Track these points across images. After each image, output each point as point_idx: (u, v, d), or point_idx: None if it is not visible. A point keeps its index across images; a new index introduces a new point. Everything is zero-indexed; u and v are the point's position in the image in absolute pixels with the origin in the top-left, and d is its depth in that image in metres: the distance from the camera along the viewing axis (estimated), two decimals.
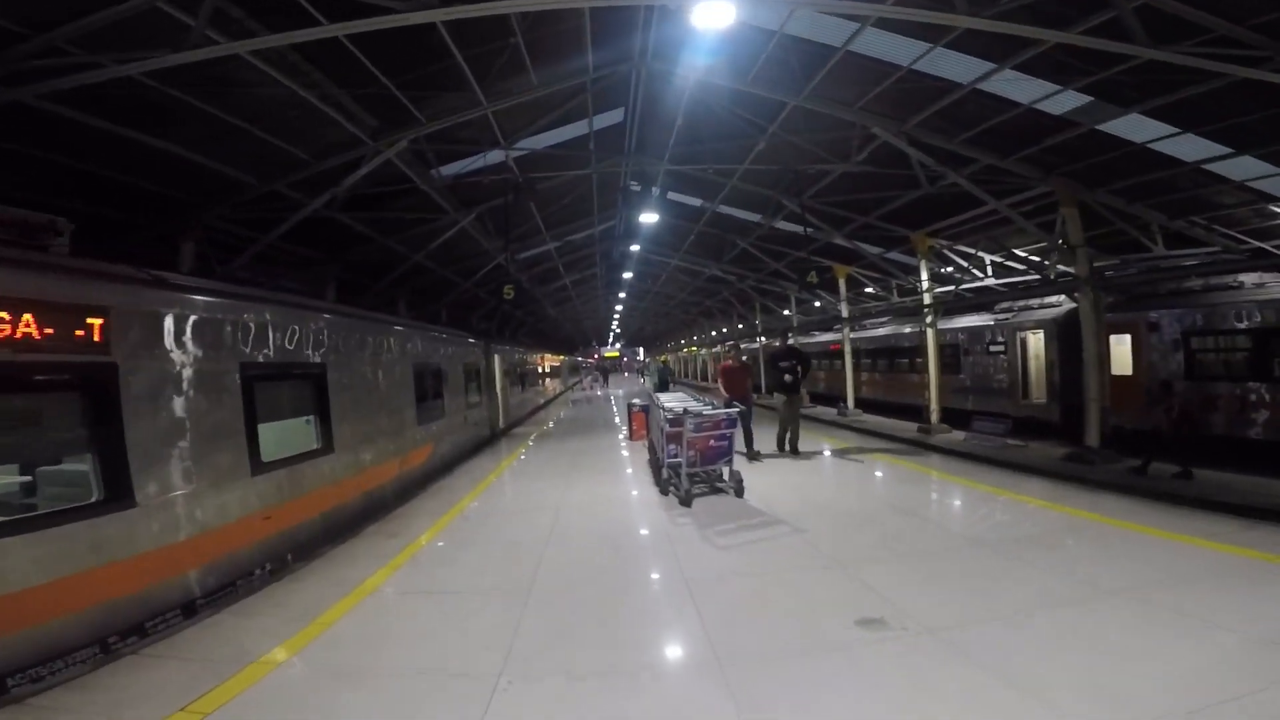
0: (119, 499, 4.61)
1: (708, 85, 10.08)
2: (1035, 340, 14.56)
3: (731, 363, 12.37)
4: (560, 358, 43.55)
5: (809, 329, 25.58)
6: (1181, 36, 6.04)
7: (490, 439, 17.08)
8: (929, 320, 14.17)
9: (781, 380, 11.69)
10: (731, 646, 4.13)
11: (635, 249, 19.95)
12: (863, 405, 19.06)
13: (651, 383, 23.95)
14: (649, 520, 7.61)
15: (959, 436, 12.61)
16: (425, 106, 9.04)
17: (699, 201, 16.75)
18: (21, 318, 4.06)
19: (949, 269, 16.09)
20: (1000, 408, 14.44)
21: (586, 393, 41.64)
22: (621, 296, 34.32)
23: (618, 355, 76.70)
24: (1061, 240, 10.78)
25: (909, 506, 8.07)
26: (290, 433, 7.26)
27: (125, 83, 6.01)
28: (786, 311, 24.58)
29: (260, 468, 6.26)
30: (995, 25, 6.37)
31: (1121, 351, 12.02)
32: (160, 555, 4.89)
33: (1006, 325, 15.25)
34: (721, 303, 31.98)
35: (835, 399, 20.09)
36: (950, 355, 16.62)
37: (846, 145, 11.30)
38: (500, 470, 12.28)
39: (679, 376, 48.48)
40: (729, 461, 8.66)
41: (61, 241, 5.04)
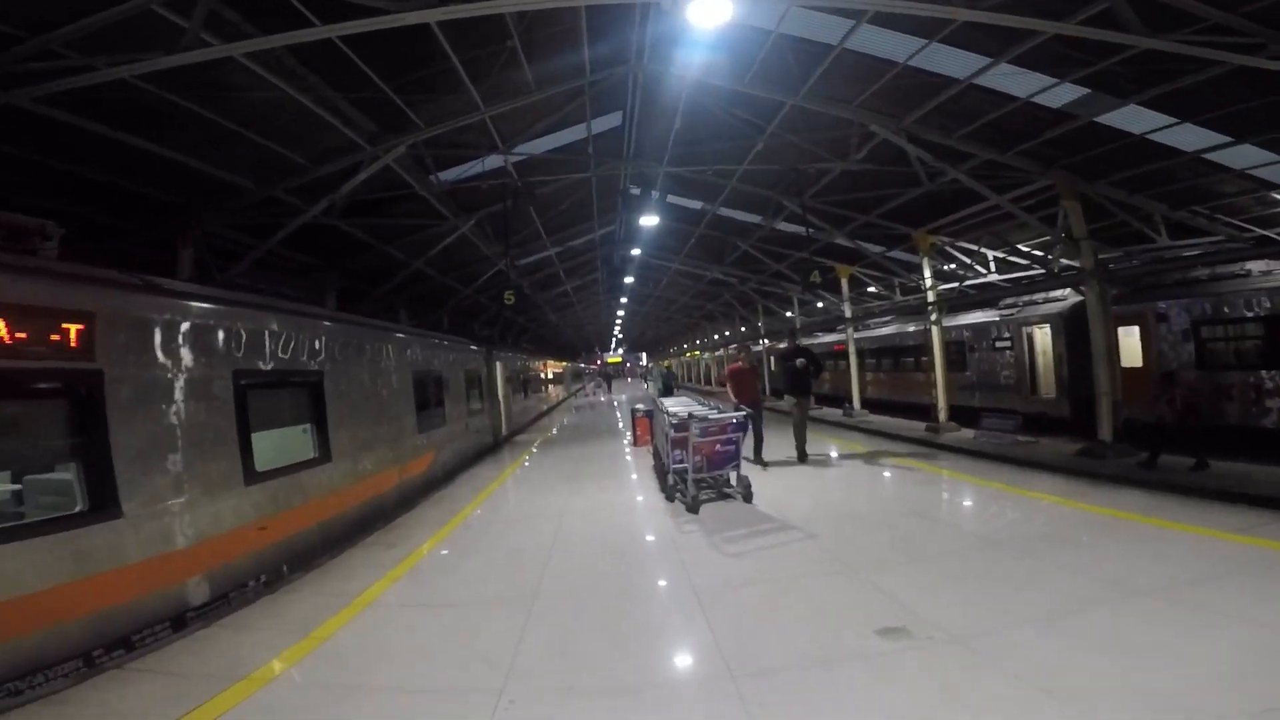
0: (104, 509, 4.46)
1: (705, 86, 10.00)
2: (1042, 335, 14.39)
3: (742, 364, 11.32)
4: (563, 364, 43.47)
5: (812, 330, 25.42)
6: (1177, 25, 6.00)
7: (493, 446, 16.93)
8: (933, 318, 14.01)
9: (793, 381, 11.12)
10: (744, 659, 3.93)
11: (636, 253, 19.91)
12: (868, 405, 18.99)
13: (655, 388, 23.75)
14: (655, 527, 7.42)
15: (968, 434, 12.45)
16: (423, 111, 8.99)
17: (699, 204, 16.67)
18: (3, 323, 3.90)
19: (952, 266, 15.94)
20: (1008, 404, 14.29)
21: (589, 399, 41.56)
22: (623, 301, 34.25)
23: (620, 361, 76.62)
24: (1064, 233, 10.65)
25: (923, 508, 7.88)
26: (286, 441, 7.11)
27: (122, 86, 5.95)
28: (789, 313, 24.44)
29: (254, 477, 6.10)
30: (992, 17, 6.32)
31: (1130, 343, 11.88)
32: (148, 567, 4.73)
33: (1012, 321, 15.08)
34: (723, 306, 31.85)
35: (840, 400, 19.93)
36: (956, 353, 16.45)
37: (845, 144, 11.21)
38: (503, 478, 12.11)
39: (682, 381, 48.28)
40: (736, 467, 8.43)
41: (51, 245, 4.93)
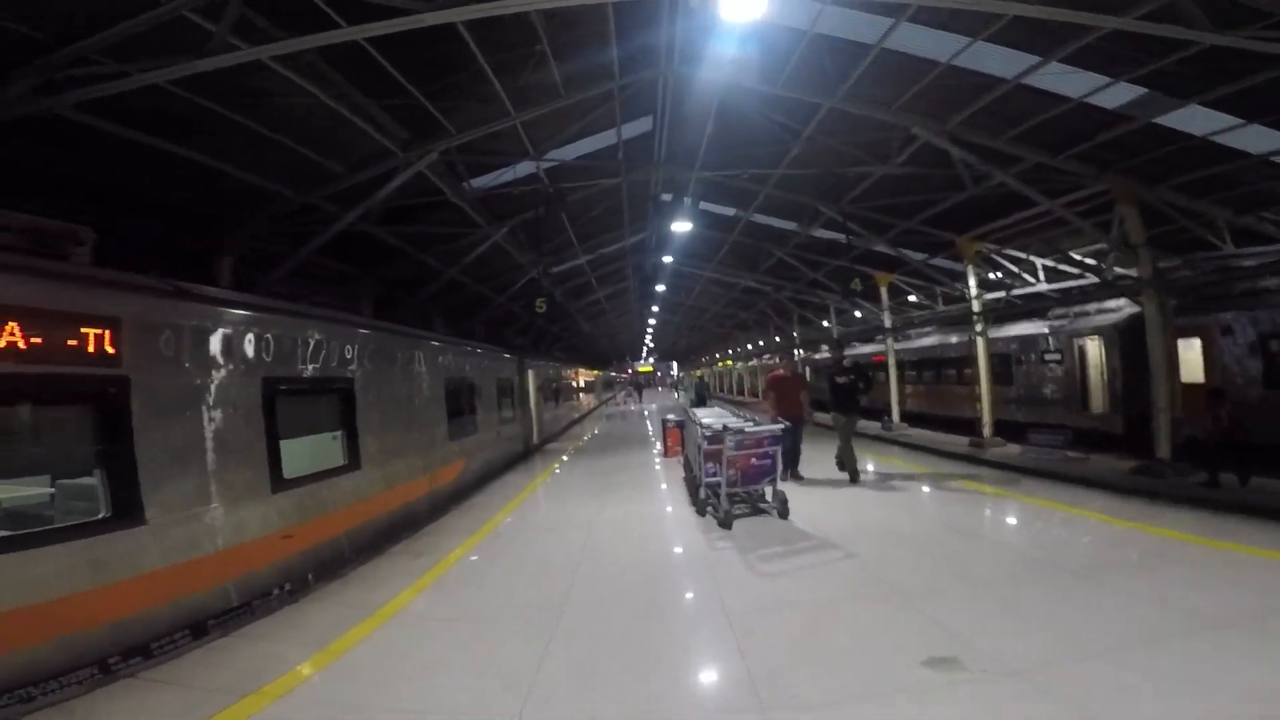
0: (127, 516, 4.42)
1: (738, 89, 9.78)
2: (1094, 347, 13.74)
3: (785, 373, 10.69)
4: (594, 373, 43.48)
5: (850, 340, 24.87)
6: (1245, 21, 5.60)
7: (524, 455, 16.87)
8: (979, 329, 13.48)
9: (841, 398, 10.22)
10: (778, 691, 3.66)
11: (668, 261, 19.72)
12: (907, 419, 18.43)
13: (687, 398, 23.45)
14: (685, 543, 7.17)
15: (1014, 450, 11.90)
16: (454, 118, 8.98)
17: (732, 211, 16.43)
18: (21, 327, 3.86)
19: (998, 274, 15.36)
20: (1057, 419, 13.68)
21: (620, 407, 41.41)
22: (654, 310, 34.10)
23: (651, 370, 76.41)
24: (1121, 240, 10.12)
25: (971, 527, 7.49)
26: (315, 449, 7.08)
27: (159, 94, 6.01)
28: (826, 323, 23.95)
29: (281, 485, 6.05)
30: (1047, 12, 5.95)
31: (1190, 357, 11.22)
32: (170, 574, 4.67)
33: (1062, 332, 14.45)
34: (757, 315, 31.41)
35: (877, 413, 19.38)
36: (1001, 365, 15.80)
37: (886, 146, 10.86)
38: (533, 486, 11.99)
39: (713, 391, 47.81)
40: (772, 481, 8.09)
41: (83, 250, 4.92)
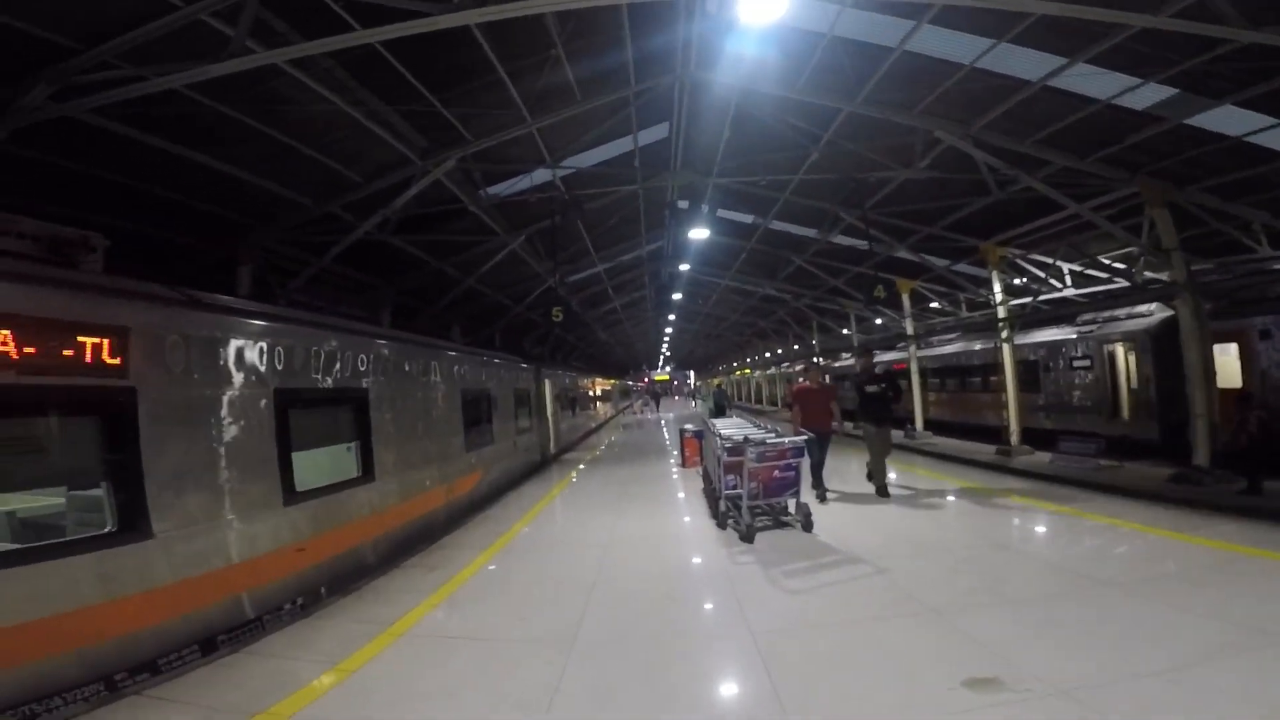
0: (134, 529, 4.31)
1: (755, 94, 9.65)
2: (1125, 352, 13.31)
3: (812, 384, 10.10)
4: (611, 382, 43.36)
5: (871, 348, 24.48)
6: None
7: (541, 465, 16.73)
8: (1004, 335, 13.15)
9: (873, 407, 9.69)
10: (809, 715, 3.45)
11: (684, 269, 19.51)
12: (931, 427, 18.06)
13: (706, 407, 23.16)
14: (706, 557, 6.94)
15: (1043, 458, 11.58)
16: (471, 124, 8.99)
17: (750, 218, 16.26)
18: (23, 337, 3.76)
19: (1023, 280, 15.00)
20: (1086, 426, 13.24)
21: (637, 416, 41.22)
22: (671, 319, 33.94)
23: (668, 379, 76.14)
24: (1153, 244, 9.79)
25: (1005, 540, 7.21)
26: (328, 460, 6.97)
27: (178, 101, 6.02)
28: (846, 330, 23.59)
29: (293, 497, 5.94)
30: (1072, 10, 5.74)
31: (1226, 362, 10.80)
32: (178, 589, 4.56)
33: (1091, 338, 14.02)
34: (776, 323, 31.12)
35: (900, 421, 18.99)
36: (1027, 372, 15.37)
37: (908, 151, 10.64)
38: (550, 497, 11.83)
39: (732, 400, 47.45)
40: (796, 494, 7.82)
41: (95, 258, 4.86)
